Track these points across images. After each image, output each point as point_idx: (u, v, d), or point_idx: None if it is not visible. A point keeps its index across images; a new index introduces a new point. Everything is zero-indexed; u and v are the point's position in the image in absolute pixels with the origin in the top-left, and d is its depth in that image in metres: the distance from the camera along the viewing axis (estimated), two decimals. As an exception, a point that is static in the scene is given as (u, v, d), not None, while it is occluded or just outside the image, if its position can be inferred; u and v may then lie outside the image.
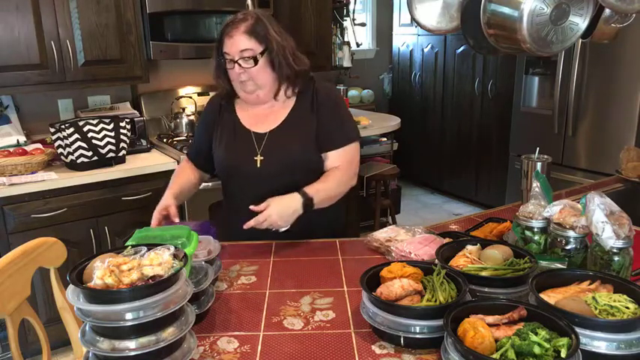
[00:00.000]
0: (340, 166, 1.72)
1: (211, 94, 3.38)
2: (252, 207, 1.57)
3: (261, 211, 1.56)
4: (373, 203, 3.96)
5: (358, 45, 4.50)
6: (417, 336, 1.10)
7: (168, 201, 1.66)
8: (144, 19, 2.86)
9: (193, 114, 3.25)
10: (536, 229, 1.42)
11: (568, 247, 1.36)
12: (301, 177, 1.68)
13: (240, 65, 1.62)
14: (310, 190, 1.63)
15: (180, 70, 3.39)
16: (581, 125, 3.45)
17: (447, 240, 1.52)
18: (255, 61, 1.62)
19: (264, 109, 1.75)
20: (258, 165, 1.70)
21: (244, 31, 1.61)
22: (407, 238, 1.59)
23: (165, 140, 3.10)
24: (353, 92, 5.02)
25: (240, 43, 1.61)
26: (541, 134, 3.67)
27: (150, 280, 0.99)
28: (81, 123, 2.57)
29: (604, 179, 2.40)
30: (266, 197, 1.61)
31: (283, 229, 1.60)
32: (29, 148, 2.63)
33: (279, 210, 1.57)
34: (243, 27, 1.62)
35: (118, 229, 2.67)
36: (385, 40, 5.39)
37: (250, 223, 1.56)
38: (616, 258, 1.26)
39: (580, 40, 2.06)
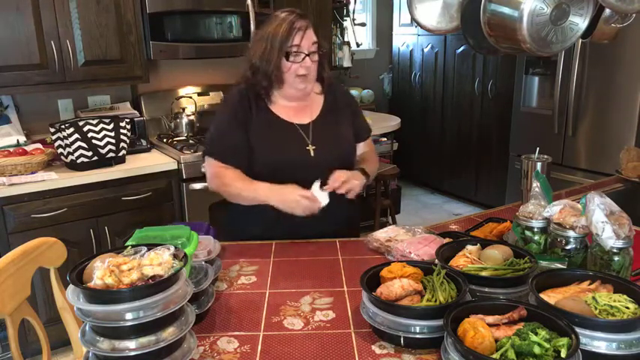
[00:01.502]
0: (371, 150, 1.96)
1: (212, 94, 3.44)
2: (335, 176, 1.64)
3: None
4: (373, 203, 3.96)
5: (358, 45, 4.50)
6: (417, 336, 1.10)
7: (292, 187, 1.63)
8: (144, 19, 2.86)
9: (193, 114, 3.25)
10: (536, 229, 1.42)
11: (568, 247, 1.36)
12: (348, 164, 1.78)
13: (310, 59, 1.68)
14: (366, 167, 1.79)
15: (180, 70, 3.40)
16: (581, 125, 3.45)
17: (447, 240, 1.52)
18: (320, 55, 1.71)
19: (297, 103, 1.79)
20: (312, 154, 1.73)
21: (311, 26, 1.70)
22: (407, 238, 1.59)
23: (165, 140, 3.10)
24: (353, 92, 5.01)
25: (313, 36, 1.69)
26: (541, 134, 3.67)
27: (150, 280, 0.99)
28: (81, 123, 2.57)
29: (604, 179, 2.40)
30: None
31: (325, 204, 1.63)
32: (29, 148, 2.63)
33: (358, 178, 1.70)
34: (308, 21, 1.69)
35: (118, 229, 2.67)
36: (385, 40, 5.39)
37: (335, 182, 1.63)
38: (616, 258, 1.26)
39: (580, 40, 2.06)
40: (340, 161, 1.76)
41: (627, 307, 1.05)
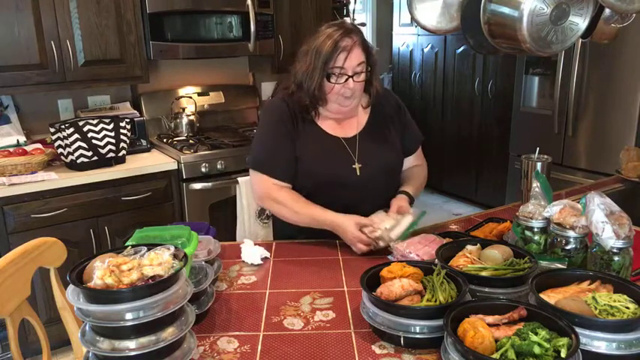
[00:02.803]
0: (422, 164, 1.92)
1: (212, 94, 3.44)
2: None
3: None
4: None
5: (358, 45, 4.49)
6: (417, 336, 1.10)
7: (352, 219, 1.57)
8: (144, 19, 2.86)
9: (193, 114, 3.25)
10: (536, 229, 1.42)
11: (568, 247, 1.36)
12: (394, 180, 1.77)
13: (353, 80, 1.60)
14: (410, 190, 1.75)
15: (180, 70, 3.39)
16: (581, 125, 3.44)
17: (447, 240, 1.52)
18: (365, 75, 1.63)
19: (343, 116, 1.74)
20: (358, 173, 1.69)
21: (359, 44, 1.60)
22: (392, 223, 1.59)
23: (165, 140, 3.10)
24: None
25: (359, 56, 1.60)
26: (541, 134, 3.67)
27: (150, 280, 0.99)
28: (81, 123, 2.57)
29: (604, 179, 2.40)
30: (363, 204, 1.66)
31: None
32: (29, 148, 2.63)
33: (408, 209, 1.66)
34: (356, 39, 1.59)
35: (118, 229, 2.67)
36: (385, 40, 5.39)
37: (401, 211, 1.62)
38: (616, 258, 1.26)
39: (580, 40, 2.06)
40: (386, 180, 1.75)
41: (627, 307, 1.06)
